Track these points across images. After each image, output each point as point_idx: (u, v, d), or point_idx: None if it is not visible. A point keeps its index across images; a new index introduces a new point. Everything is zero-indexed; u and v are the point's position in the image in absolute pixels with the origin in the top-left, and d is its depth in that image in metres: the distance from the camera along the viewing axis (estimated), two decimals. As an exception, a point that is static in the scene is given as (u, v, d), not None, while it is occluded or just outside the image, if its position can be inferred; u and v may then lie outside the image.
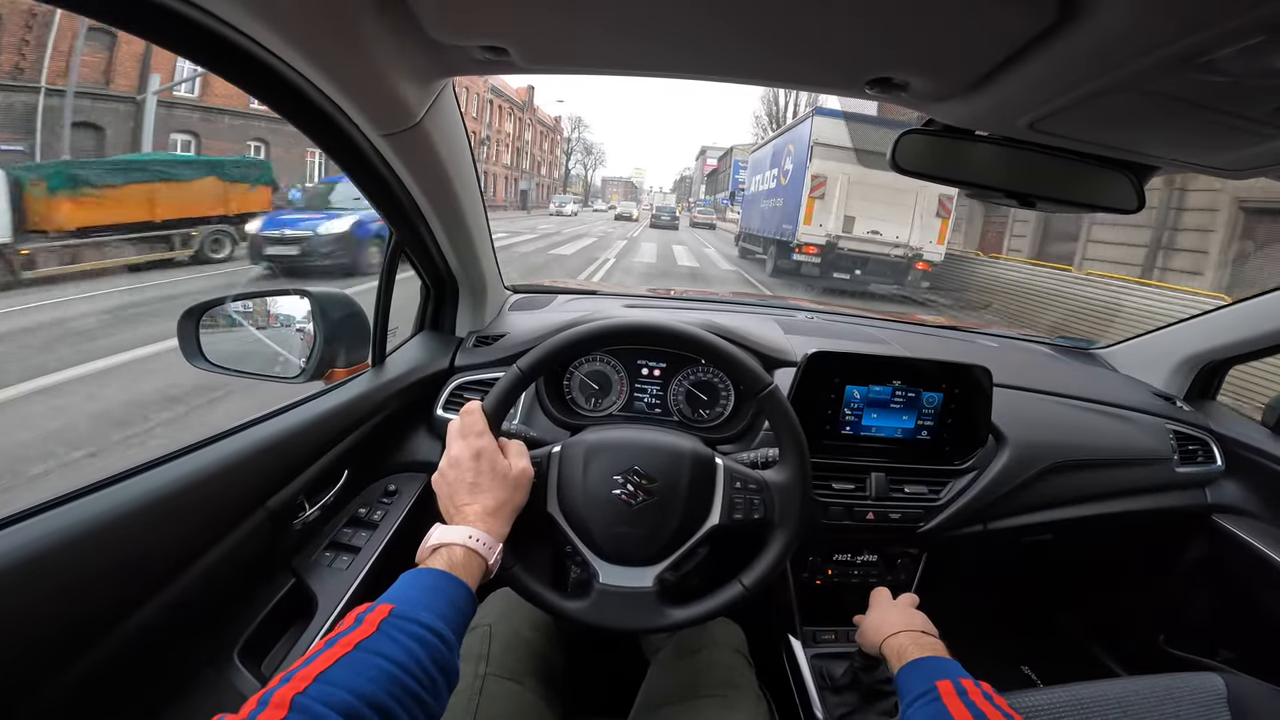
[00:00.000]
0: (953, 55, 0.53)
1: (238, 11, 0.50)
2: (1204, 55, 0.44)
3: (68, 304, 5.21)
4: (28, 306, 5.04)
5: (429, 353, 1.15)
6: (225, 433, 0.75)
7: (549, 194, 48.92)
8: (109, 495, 0.59)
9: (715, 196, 49.71)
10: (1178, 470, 1.26)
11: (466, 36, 0.58)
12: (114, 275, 6.27)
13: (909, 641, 0.72)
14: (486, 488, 0.65)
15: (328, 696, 0.39)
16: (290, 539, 0.82)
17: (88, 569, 0.54)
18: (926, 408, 1.05)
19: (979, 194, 0.82)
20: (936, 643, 0.72)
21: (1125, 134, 0.64)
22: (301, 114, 0.66)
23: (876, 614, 0.83)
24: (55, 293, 5.36)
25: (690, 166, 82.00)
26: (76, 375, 3.45)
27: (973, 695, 0.58)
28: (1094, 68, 0.48)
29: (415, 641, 0.46)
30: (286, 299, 0.99)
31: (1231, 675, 0.93)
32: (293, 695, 0.39)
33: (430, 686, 0.45)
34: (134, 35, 0.50)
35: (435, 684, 0.46)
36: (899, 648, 0.72)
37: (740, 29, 0.53)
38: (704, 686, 0.84)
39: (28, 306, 5.04)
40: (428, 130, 0.76)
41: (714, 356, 0.78)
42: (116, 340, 4.11)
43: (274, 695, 0.39)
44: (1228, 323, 1.32)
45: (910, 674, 0.66)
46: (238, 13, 0.50)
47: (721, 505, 0.75)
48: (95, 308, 5.22)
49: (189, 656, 0.69)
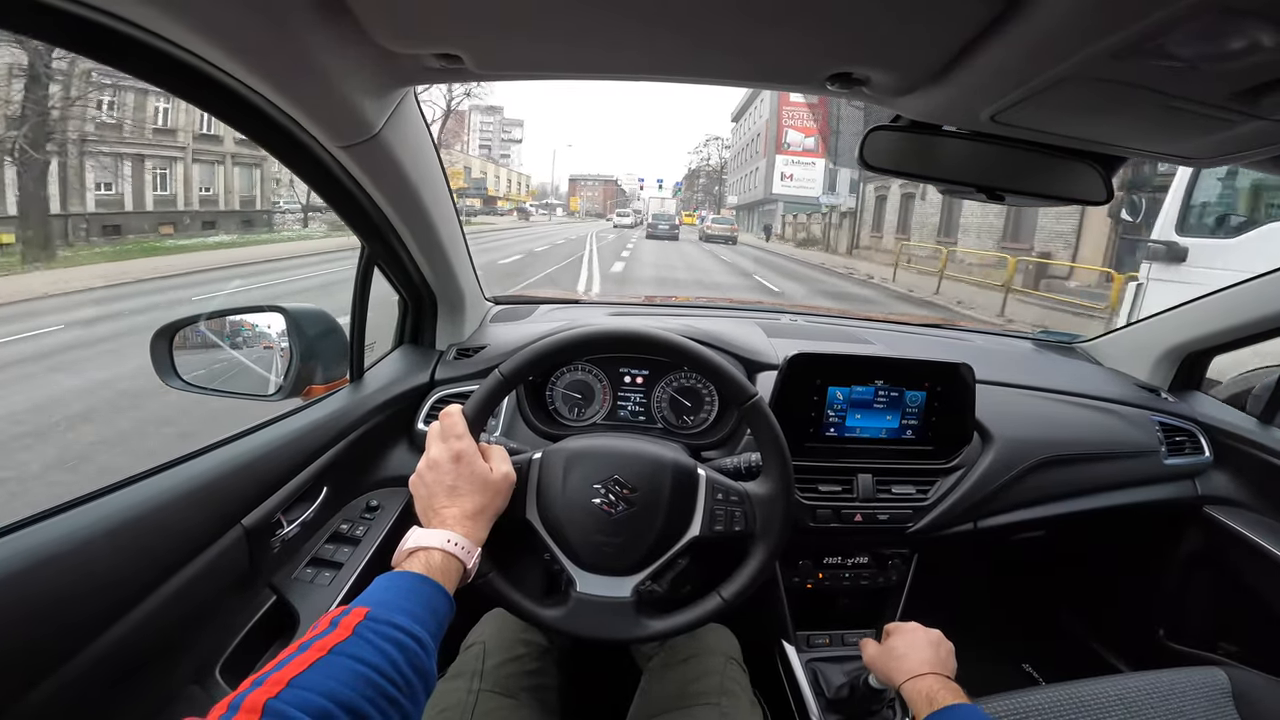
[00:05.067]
0: (909, 47, 0.53)
1: (179, 29, 0.50)
2: (1154, 40, 0.44)
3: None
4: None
5: (408, 366, 1.14)
6: (197, 452, 0.74)
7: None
8: (74, 517, 0.58)
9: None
10: (1166, 462, 1.25)
11: (417, 45, 0.58)
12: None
13: (939, 686, 0.68)
14: (466, 491, 0.63)
15: (301, 701, 0.38)
16: (269, 557, 0.81)
17: (54, 590, 0.53)
18: (910, 407, 1.05)
19: (948, 189, 0.82)
20: (959, 689, 0.68)
21: (1087, 124, 0.64)
22: (255, 127, 0.66)
23: (900, 644, 0.77)
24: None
25: (704, 153, 64.26)
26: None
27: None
28: (1046, 57, 0.49)
29: (391, 645, 0.46)
30: (262, 315, 0.98)
31: (1234, 668, 0.92)
32: (265, 700, 0.38)
33: (406, 690, 0.45)
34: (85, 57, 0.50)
35: (412, 687, 0.45)
36: (928, 692, 0.67)
37: (697, 29, 0.54)
38: (698, 695, 0.83)
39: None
40: (389, 141, 0.75)
41: (699, 366, 0.78)
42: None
43: (245, 700, 0.38)
44: (1209, 312, 1.33)
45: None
46: (179, 30, 0.50)
47: (702, 517, 0.74)
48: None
49: (168, 676, 0.68)
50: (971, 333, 1.73)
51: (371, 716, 0.41)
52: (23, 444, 3.11)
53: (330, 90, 0.61)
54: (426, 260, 1.06)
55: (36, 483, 2.76)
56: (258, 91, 0.60)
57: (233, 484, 0.74)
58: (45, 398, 3.81)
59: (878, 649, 0.80)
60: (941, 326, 1.72)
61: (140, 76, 0.53)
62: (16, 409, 3.51)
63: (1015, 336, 1.75)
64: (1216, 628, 1.35)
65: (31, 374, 4.26)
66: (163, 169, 14.44)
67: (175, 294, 7.63)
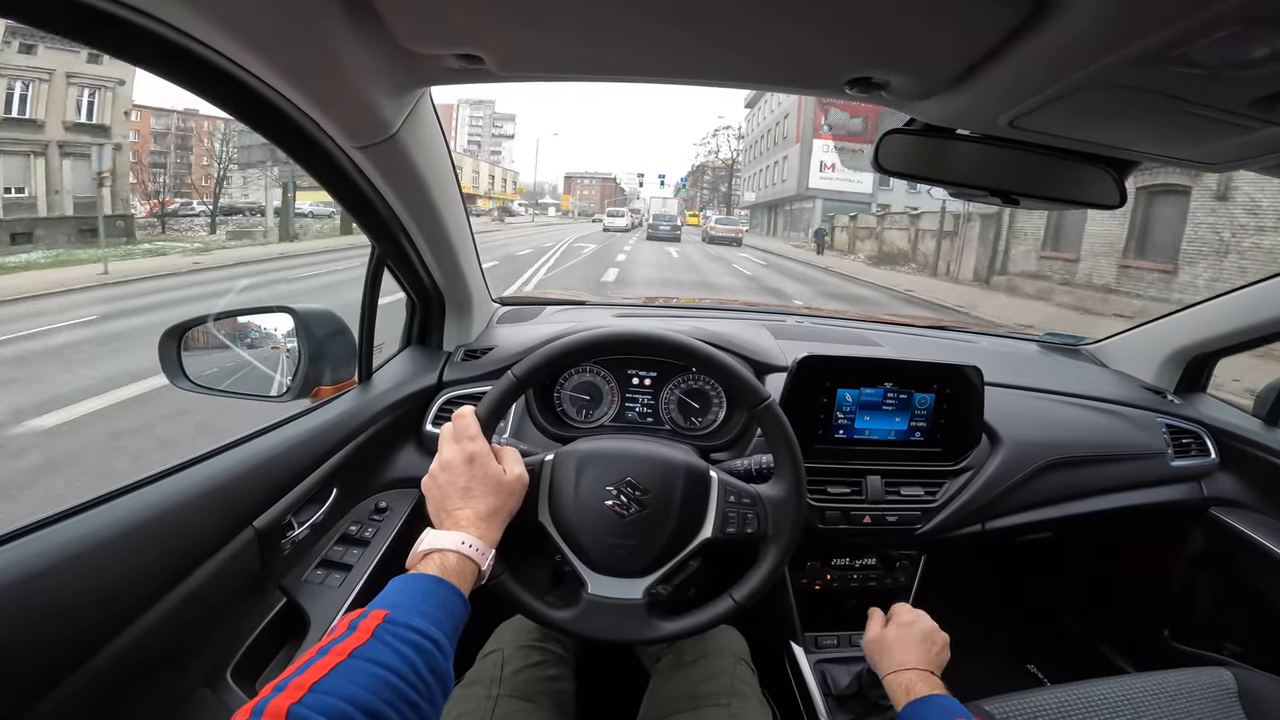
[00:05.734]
0: (931, 52, 0.53)
1: (205, 26, 0.49)
2: (1178, 48, 0.44)
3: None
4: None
5: (416, 368, 1.14)
6: (209, 453, 0.74)
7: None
8: (90, 518, 0.58)
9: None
10: (1172, 464, 1.25)
11: (439, 45, 0.57)
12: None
13: (917, 679, 0.71)
14: (479, 493, 0.63)
15: (323, 706, 0.39)
16: (279, 559, 0.81)
17: (70, 593, 0.53)
18: (919, 409, 1.05)
19: (962, 193, 0.82)
20: (939, 681, 0.72)
21: (1105, 129, 0.64)
22: (273, 127, 0.65)
23: (889, 635, 0.82)
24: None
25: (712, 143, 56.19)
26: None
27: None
28: (1070, 63, 0.49)
29: (411, 648, 0.46)
30: (270, 316, 0.98)
31: (1240, 669, 0.93)
32: (288, 705, 0.38)
33: (425, 693, 0.45)
34: (104, 53, 0.49)
35: (430, 690, 0.46)
36: (907, 684, 0.71)
37: (718, 32, 0.53)
38: (707, 696, 0.83)
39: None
40: (405, 142, 0.75)
41: (714, 368, 0.78)
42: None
43: (268, 705, 0.38)
44: (1215, 315, 1.33)
45: (917, 713, 0.66)
46: (206, 28, 0.50)
47: (715, 518, 0.74)
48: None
49: (180, 679, 0.68)
50: (976, 334, 1.74)
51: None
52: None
53: (350, 90, 0.61)
54: (436, 261, 1.05)
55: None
56: (277, 90, 0.59)
57: (244, 486, 0.74)
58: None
59: (876, 633, 0.84)
60: (947, 328, 1.72)
61: (160, 74, 0.52)
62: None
63: (1021, 339, 1.75)
64: (1222, 628, 1.35)
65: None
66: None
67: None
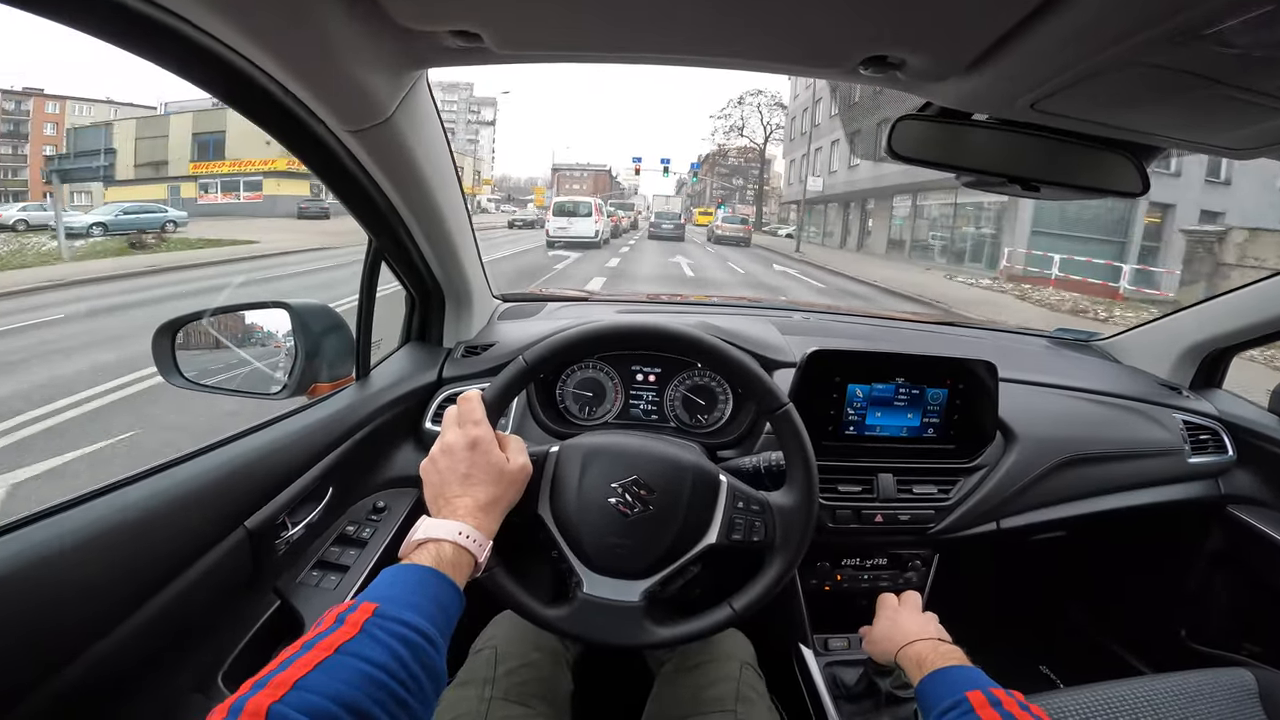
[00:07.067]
0: (951, 29, 0.50)
1: (189, 3, 0.47)
2: (1211, 26, 0.42)
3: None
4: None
5: (415, 364, 1.12)
6: (197, 451, 0.71)
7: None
8: (66, 519, 0.55)
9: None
10: (1190, 461, 1.23)
11: (436, 21, 0.55)
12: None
13: (928, 650, 0.68)
14: (480, 480, 0.60)
15: (305, 705, 0.37)
16: (273, 560, 0.79)
17: (46, 597, 0.51)
18: (931, 405, 1.02)
19: (979, 180, 0.80)
20: (956, 650, 0.68)
21: (1130, 113, 0.62)
22: (261, 110, 0.62)
23: (886, 621, 0.80)
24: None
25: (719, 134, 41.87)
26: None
27: (1007, 705, 0.54)
28: (1098, 41, 0.46)
29: (400, 642, 0.44)
30: (266, 312, 0.96)
31: (1259, 669, 0.90)
32: (269, 704, 0.36)
33: (416, 690, 0.43)
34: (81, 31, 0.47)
35: (421, 687, 0.44)
36: (918, 656, 0.68)
37: (726, 8, 0.51)
38: (713, 701, 0.81)
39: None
40: (400, 126, 0.72)
41: (729, 367, 0.75)
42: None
43: (246, 704, 0.36)
44: (1229, 309, 1.30)
45: (935, 685, 0.62)
46: (189, 5, 0.47)
47: (720, 524, 0.71)
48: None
49: (169, 684, 0.66)
50: (986, 330, 1.70)
51: (378, 717, 0.39)
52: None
53: (342, 70, 0.59)
54: (434, 254, 1.03)
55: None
56: (264, 71, 0.57)
57: (235, 485, 0.72)
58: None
59: (868, 632, 0.83)
60: (955, 324, 1.69)
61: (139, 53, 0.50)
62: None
63: (1030, 334, 1.72)
64: (1240, 628, 1.33)
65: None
66: None
67: None
